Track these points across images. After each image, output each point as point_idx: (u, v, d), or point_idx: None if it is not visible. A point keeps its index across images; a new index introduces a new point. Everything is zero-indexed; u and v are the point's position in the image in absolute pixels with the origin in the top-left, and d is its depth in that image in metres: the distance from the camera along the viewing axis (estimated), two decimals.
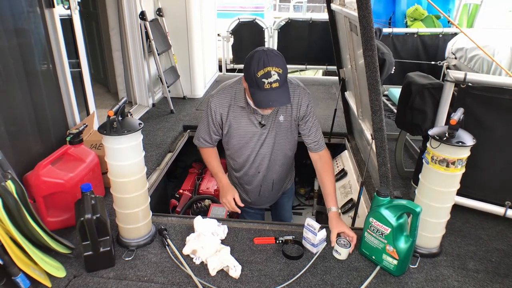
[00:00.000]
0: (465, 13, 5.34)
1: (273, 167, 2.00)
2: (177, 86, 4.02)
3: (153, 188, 2.49)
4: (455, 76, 1.76)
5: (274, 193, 2.16)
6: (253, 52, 1.58)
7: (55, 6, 2.11)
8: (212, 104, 1.80)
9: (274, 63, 1.53)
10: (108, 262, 1.55)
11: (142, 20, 3.34)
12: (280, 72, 1.54)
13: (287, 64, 1.60)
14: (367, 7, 1.40)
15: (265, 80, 1.52)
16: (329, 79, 5.10)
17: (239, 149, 1.92)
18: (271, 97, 1.55)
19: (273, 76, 1.52)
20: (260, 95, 1.56)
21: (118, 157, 1.52)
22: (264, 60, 1.52)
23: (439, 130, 1.50)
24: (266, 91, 1.54)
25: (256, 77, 1.53)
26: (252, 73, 1.54)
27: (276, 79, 1.53)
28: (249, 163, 1.97)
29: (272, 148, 1.90)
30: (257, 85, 1.55)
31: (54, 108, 2.21)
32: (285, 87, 1.58)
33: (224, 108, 1.79)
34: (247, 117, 1.80)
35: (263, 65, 1.52)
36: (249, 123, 1.82)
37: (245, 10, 9.97)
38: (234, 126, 1.83)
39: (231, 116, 1.81)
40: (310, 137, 1.87)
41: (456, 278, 1.55)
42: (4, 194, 1.37)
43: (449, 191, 1.54)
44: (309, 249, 1.66)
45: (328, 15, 2.51)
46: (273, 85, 1.53)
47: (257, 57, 1.54)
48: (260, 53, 1.55)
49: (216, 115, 1.81)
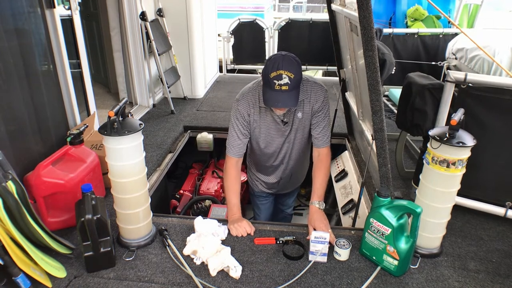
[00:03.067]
0: (465, 13, 5.34)
1: (293, 160, 2.12)
2: (177, 87, 4.02)
3: (153, 188, 2.49)
4: (456, 76, 1.76)
5: (291, 181, 2.30)
6: (272, 56, 1.70)
7: (55, 7, 2.12)
8: (240, 107, 1.89)
9: (287, 68, 1.62)
10: (108, 263, 1.55)
11: (142, 21, 3.34)
12: (292, 77, 1.63)
13: None
14: (367, 8, 1.40)
15: (276, 82, 1.63)
16: (330, 79, 5.10)
17: (265, 147, 2.03)
18: (278, 98, 1.66)
19: (284, 79, 1.62)
20: (270, 94, 1.67)
21: (118, 158, 1.52)
22: (279, 63, 1.63)
23: (439, 131, 1.50)
24: (275, 92, 1.65)
25: (269, 77, 1.64)
26: (266, 73, 1.66)
27: (287, 83, 1.62)
28: (274, 158, 2.10)
29: (293, 143, 2.02)
30: (268, 84, 1.66)
31: (55, 108, 2.21)
32: (295, 92, 1.67)
33: (251, 109, 1.89)
34: (271, 116, 1.91)
35: (277, 67, 1.63)
36: (273, 121, 1.92)
37: (245, 11, 9.96)
38: (261, 124, 1.94)
39: (258, 116, 1.91)
40: (316, 131, 1.94)
41: (456, 279, 1.55)
42: (4, 195, 1.37)
43: (449, 192, 1.54)
44: (319, 260, 1.61)
45: (329, 16, 2.51)
46: (282, 88, 1.63)
47: (273, 59, 1.65)
48: (278, 56, 1.66)
49: (245, 115, 1.90)
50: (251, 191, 2.47)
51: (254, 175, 2.32)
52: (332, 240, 1.65)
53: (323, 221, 1.74)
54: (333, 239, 1.66)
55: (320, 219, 1.75)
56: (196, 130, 3.33)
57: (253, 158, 2.22)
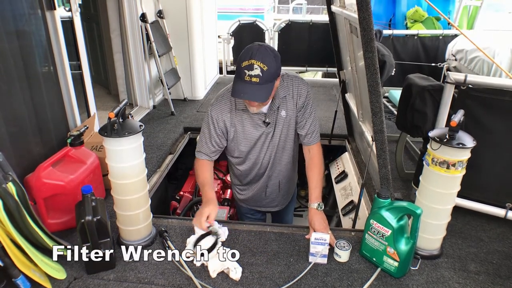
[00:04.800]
0: (465, 15, 5.35)
1: (279, 167, 1.97)
2: (177, 88, 4.02)
3: (153, 190, 2.49)
4: (456, 78, 1.76)
5: (281, 195, 2.11)
6: (250, 44, 1.59)
7: (56, 8, 2.12)
8: (213, 113, 1.78)
9: (261, 58, 1.51)
10: (108, 264, 1.55)
11: (142, 22, 3.35)
12: (265, 69, 1.51)
13: (287, 66, 1.61)
14: (367, 9, 1.41)
15: (246, 71, 1.51)
16: (330, 81, 5.10)
17: (248, 153, 1.89)
18: (246, 90, 1.54)
19: (255, 70, 1.50)
20: (238, 84, 1.56)
21: (118, 159, 1.52)
22: (252, 52, 1.52)
23: (439, 132, 1.50)
24: (244, 82, 1.53)
25: (240, 66, 1.53)
26: (239, 62, 1.55)
27: (257, 74, 1.50)
28: (257, 166, 1.94)
29: (277, 146, 1.88)
30: (239, 74, 1.55)
31: (55, 110, 2.22)
32: (267, 86, 1.55)
33: (226, 114, 1.77)
34: (250, 119, 1.78)
35: (249, 57, 1.51)
36: (253, 124, 1.79)
37: (245, 12, 9.98)
38: (239, 130, 1.81)
39: (235, 121, 1.79)
40: (305, 129, 1.82)
41: (457, 280, 1.55)
42: (4, 196, 1.37)
43: (449, 193, 1.54)
44: (319, 262, 1.60)
45: (329, 17, 2.51)
46: (252, 79, 1.51)
47: (248, 49, 1.55)
48: (253, 46, 1.56)
49: (219, 122, 1.78)
50: (239, 210, 2.28)
51: (238, 191, 2.13)
52: (332, 242, 1.64)
53: (323, 223, 1.71)
54: (333, 241, 1.65)
55: (320, 221, 1.71)
56: (196, 132, 3.32)
57: (236, 171, 2.03)
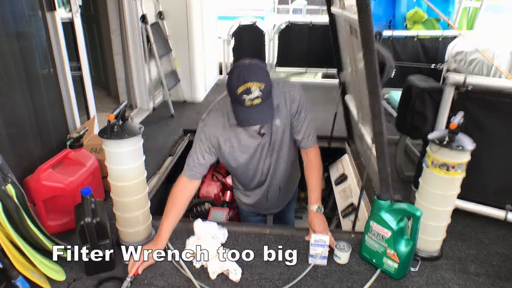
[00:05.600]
0: (464, 16, 5.34)
1: (278, 174, 1.91)
2: (177, 90, 4.03)
3: (153, 192, 2.49)
4: (455, 79, 1.76)
5: (281, 197, 2.07)
6: (234, 67, 1.49)
7: (56, 9, 2.12)
8: (206, 128, 1.67)
9: (255, 78, 1.42)
10: (108, 266, 1.55)
11: (143, 24, 3.35)
12: (262, 87, 1.43)
13: (287, 67, 1.58)
14: (367, 10, 1.40)
15: (245, 97, 1.42)
16: (329, 82, 5.10)
17: (246, 165, 1.82)
18: (252, 115, 1.48)
19: (253, 92, 1.42)
20: (242, 112, 1.48)
21: (118, 161, 1.52)
22: (244, 75, 1.42)
23: (439, 134, 1.50)
24: (248, 108, 1.45)
25: (236, 94, 1.43)
26: (232, 88, 1.44)
27: (257, 96, 1.43)
28: (257, 176, 1.89)
29: (275, 155, 1.82)
30: (237, 101, 1.46)
31: (55, 111, 2.22)
32: (268, 101, 1.49)
33: (219, 130, 1.68)
34: (245, 132, 1.70)
35: (243, 80, 1.41)
36: (249, 136, 1.72)
37: (246, 13, 9.99)
38: (235, 144, 1.72)
39: (230, 136, 1.70)
40: (301, 133, 1.75)
41: (457, 282, 1.54)
42: (4, 198, 1.37)
43: (449, 195, 1.54)
44: (319, 264, 1.60)
45: (329, 18, 2.51)
46: (254, 102, 1.43)
47: (237, 72, 1.44)
48: (240, 68, 1.45)
49: (212, 139, 1.68)
50: (240, 212, 2.25)
51: (241, 195, 2.09)
52: (332, 244, 1.64)
53: (322, 225, 1.71)
54: (333, 243, 1.65)
55: (319, 223, 1.71)
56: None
57: (237, 178, 2.00)
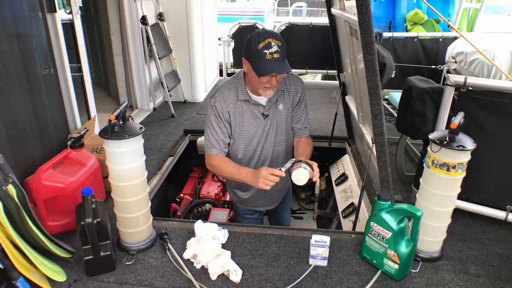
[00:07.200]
0: (465, 17, 5.35)
1: (277, 160, 1.97)
2: (178, 90, 4.03)
3: (153, 192, 2.49)
4: (455, 80, 1.76)
5: (278, 189, 2.13)
6: (252, 33, 1.64)
7: (57, 11, 2.13)
8: (217, 104, 1.78)
9: (273, 36, 1.59)
10: (108, 266, 1.55)
11: (143, 25, 3.36)
12: (280, 44, 1.59)
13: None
14: (367, 12, 1.41)
15: (266, 51, 1.57)
16: (330, 83, 5.11)
17: (246, 146, 1.89)
18: (274, 65, 1.59)
19: (273, 47, 1.57)
20: (264, 64, 1.59)
21: (119, 161, 1.52)
22: (264, 34, 1.59)
23: (439, 134, 1.51)
24: (269, 61, 1.58)
25: (258, 49, 1.58)
26: (253, 47, 1.59)
27: (277, 50, 1.58)
28: (255, 159, 1.95)
29: (275, 139, 1.92)
30: (259, 57, 1.59)
31: (55, 112, 2.22)
32: (285, 59, 1.63)
33: (229, 105, 1.79)
34: (250, 111, 1.82)
35: (263, 37, 1.58)
36: (253, 116, 1.83)
37: (246, 15, 9.99)
38: (239, 121, 1.83)
39: (237, 112, 1.81)
40: (300, 122, 1.92)
41: (457, 283, 1.54)
42: (5, 198, 1.37)
43: (450, 195, 1.54)
44: (319, 264, 1.60)
45: (329, 20, 2.52)
46: (274, 56, 1.57)
47: (256, 34, 1.61)
48: (259, 30, 1.64)
49: (224, 113, 1.79)
50: (236, 210, 2.31)
51: (235, 192, 2.15)
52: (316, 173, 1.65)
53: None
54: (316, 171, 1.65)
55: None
56: (196, 134, 3.33)
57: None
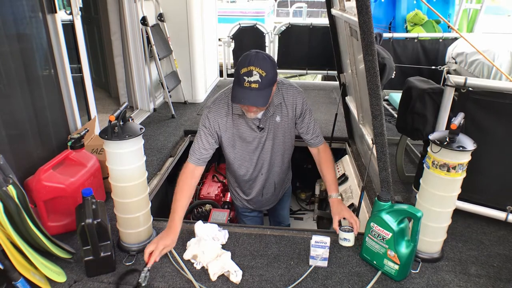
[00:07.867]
0: (465, 18, 5.36)
1: (273, 169, 2.01)
2: (178, 91, 4.03)
3: (154, 193, 2.49)
4: (456, 80, 1.76)
5: (276, 193, 2.18)
6: (247, 52, 1.62)
7: (57, 12, 2.13)
8: (210, 115, 1.78)
9: (259, 65, 1.54)
10: (108, 267, 1.55)
11: (143, 25, 3.36)
12: (263, 74, 1.54)
13: (287, 69, 1.63)
14: (367, 12, 1.41)
15: (245, 78, 1.54)
16: (330, 84, 5.11)
17: (242, 157, 1.92)
18: (246, 96, 1.56)
19: (254, 76, 1.53)
20: (238, 91, 1.58)
21: (119, 162, 1.52)
22: (250, 59, 1.55)
23: (439, 135, 1.51)
24: (244, 89, 1.55)
25: (239, 73, 1.56)
26: (237, 69, 1.58)
27: (257, 80, 1.54)
28: (252, 169, 1.97)
29: (272, 150, 1.92)
30: (237, 81, 1.57)
31: (56, 112, 2.22)
32: (266, 91, 1.58)
33: (222, 118, 1.79)
34: (245, 124, 1.81)
35: (247, 63, 1.55)
36: (248, 129, 1.83)
37: (246, 15, 10.00)
38: (234, 133, 1.84)
39: (230, 125, 1.81)
40: (309, 134, 1.90)
41: (457, 283, 1.54)
42: (5, 199, 1.37)
43: (450, 196, 1.54)
44: (320, 265, 1.60)
45: (329, 20, 2.52)
46: (252, 85, 1.54)
47: (245, 56, 1.59)
48: (251, 53, 1.59)
49: (214, 125, 1.79)
50: (236, 208, 2.34)
51: (235, 191, 2.19)
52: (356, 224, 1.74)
53: (350, 211, 1.81)
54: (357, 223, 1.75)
55: (346, 208, 1.82)
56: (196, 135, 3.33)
57: (232, 173, 2.07)
